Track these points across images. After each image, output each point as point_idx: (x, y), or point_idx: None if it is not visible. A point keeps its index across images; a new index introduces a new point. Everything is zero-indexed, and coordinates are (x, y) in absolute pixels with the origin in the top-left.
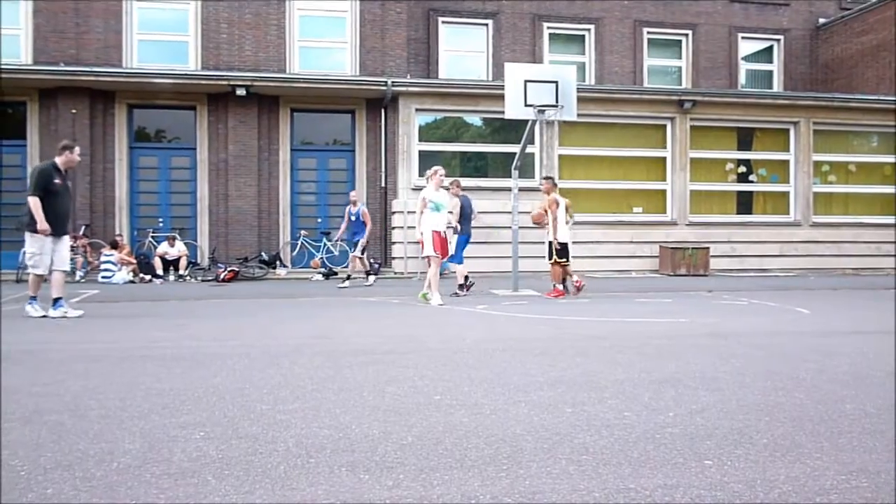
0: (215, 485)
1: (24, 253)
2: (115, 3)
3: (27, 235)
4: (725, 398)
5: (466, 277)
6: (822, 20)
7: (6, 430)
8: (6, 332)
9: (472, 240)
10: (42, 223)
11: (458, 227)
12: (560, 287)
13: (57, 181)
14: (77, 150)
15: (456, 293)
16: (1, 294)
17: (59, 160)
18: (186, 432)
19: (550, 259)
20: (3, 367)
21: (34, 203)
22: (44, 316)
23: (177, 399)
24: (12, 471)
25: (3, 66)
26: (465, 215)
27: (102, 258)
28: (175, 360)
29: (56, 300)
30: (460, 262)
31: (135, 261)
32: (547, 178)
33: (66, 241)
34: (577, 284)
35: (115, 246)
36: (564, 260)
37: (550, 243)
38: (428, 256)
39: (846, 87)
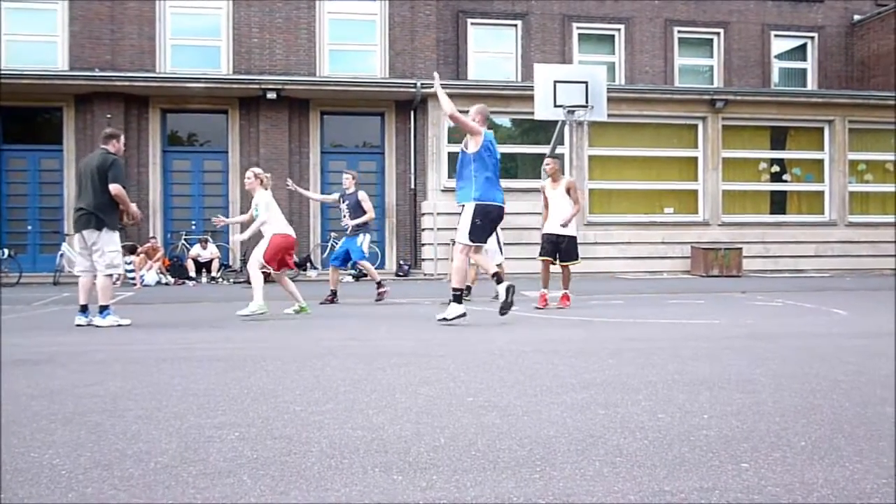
0: (251, 485)
1: (73, 254)
2: (148, 10)
3: (104, 233)
4: (761, 400)
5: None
6: (857, 17)
7: (49, 431)
8: (51, 334)
9: (501, 242)
10: (135, 209)
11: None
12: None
13: None
14: (122, 138)
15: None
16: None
17: (111, 149)
18: (222, 433)
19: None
20: (48, 369)
21: (122, 192)
22: (89, 324)
23: (212, 400)
24: (53, 470)
25: (36, 73)
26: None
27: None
28: (209, 362)
29: (104, 308)
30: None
31: (157, 257)
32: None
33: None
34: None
35: (132, 251)
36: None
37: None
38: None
39: (883, 85)
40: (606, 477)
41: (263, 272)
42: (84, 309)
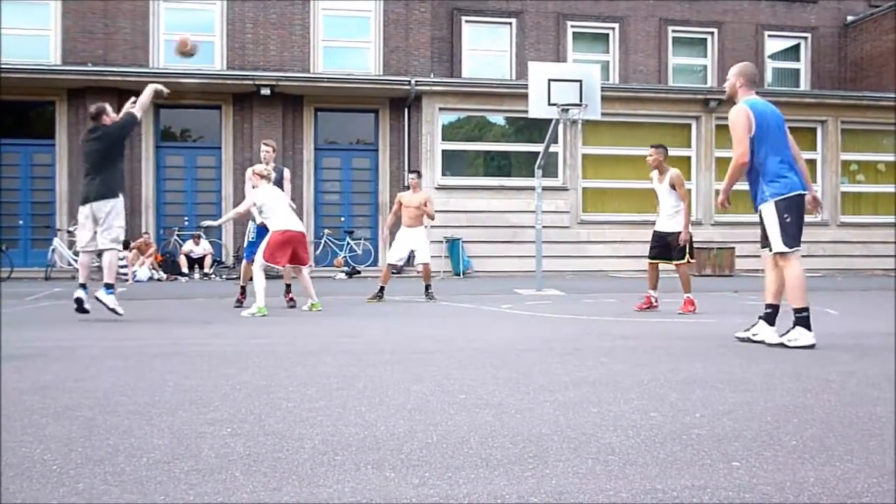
0: (243, 481)
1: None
2: (142, 4)
3: (118, 203)
4: (753, 399)
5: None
6: (850, 17)
7: (41, 426)
8: (43, 329)
9: (495, 240)
10: (157, 87)
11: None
12: None
13: None
14: (109, 108)
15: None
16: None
17: (108, 122)
18: (214, 429)
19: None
20: (41, 364)
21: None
22: (93, 298)
23: (204, 396)
24: (45, 465)
25: (29, 67)
26: None
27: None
28: (202, 358)
29: (108, 286)
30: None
31: (150, 252)
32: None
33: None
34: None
35: (125, 246)
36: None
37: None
38: None
39: (876, 86)
40: (598, 475)
41: (270, 268)
42: (84, 287)
